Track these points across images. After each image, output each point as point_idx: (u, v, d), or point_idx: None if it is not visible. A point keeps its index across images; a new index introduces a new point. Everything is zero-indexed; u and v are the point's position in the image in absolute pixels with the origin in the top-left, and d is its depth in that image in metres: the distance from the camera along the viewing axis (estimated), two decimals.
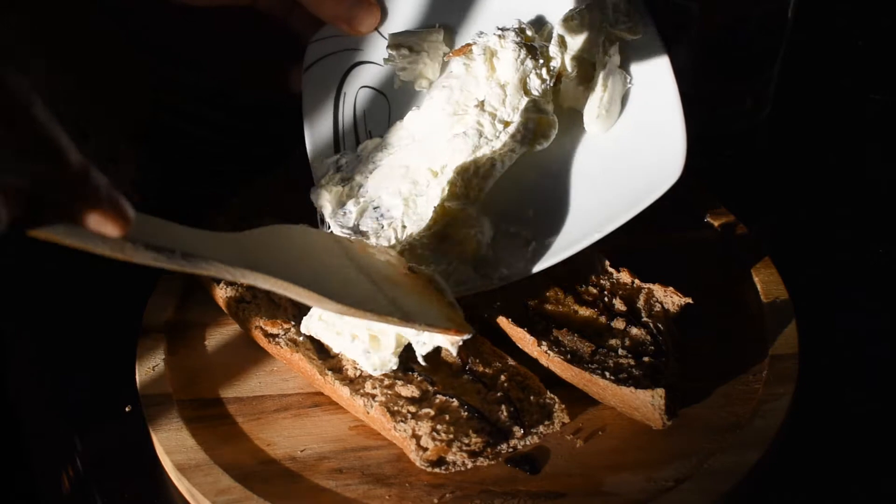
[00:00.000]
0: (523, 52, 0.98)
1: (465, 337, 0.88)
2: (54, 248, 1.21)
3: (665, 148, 0.94)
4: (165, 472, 0.93)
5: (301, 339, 0.96)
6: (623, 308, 0.98)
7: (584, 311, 0.99)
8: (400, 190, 0.99)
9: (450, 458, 0.86)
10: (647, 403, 0.88)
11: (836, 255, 1.15)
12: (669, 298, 0.98)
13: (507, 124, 0.98)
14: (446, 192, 0.96)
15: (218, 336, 1.04)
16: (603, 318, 0.98)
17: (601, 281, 1.01)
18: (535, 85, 0.99)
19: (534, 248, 0.95)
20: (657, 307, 0.98)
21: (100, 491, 0.93)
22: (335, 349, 0.94)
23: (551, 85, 0.99)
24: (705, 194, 1.17)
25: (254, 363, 1.01)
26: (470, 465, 0.86)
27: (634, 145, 0.97)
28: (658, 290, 0.99)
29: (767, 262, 1.07)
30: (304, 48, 1.12)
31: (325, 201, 1.01)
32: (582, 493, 0.87)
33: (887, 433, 0.95)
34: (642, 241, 1.11)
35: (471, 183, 0.97)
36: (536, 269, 0.94)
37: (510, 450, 0.88)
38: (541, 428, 0.89)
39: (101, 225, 0.59)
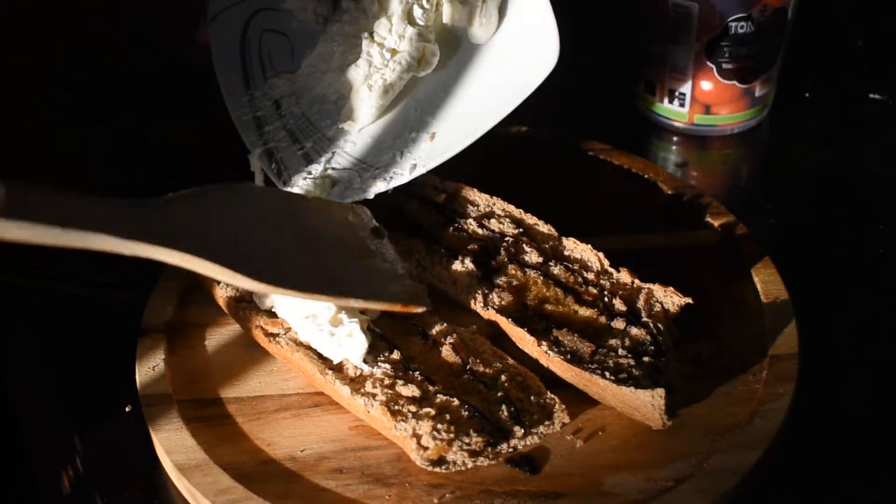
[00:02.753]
0: None
1: (418, 311, 0.87)
2: (53, 248, 1.21)
3: (541, 43, 1.05)
4: (165, 472, 0.93)
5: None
6: (623, 308, 0.98)
7: (584, 311, 0.99)
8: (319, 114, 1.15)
9: (450, 457, 0.86)
10: (647, 403, 0.88)
11: (836, 255, 1.15)
12: (669, 298, 0.98)
13: (394, 52, 1.10)
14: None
15: (218, 336, 1.04)
16: (603, 318, 0.98)
17: (601, 281, 1.01)
18: (419, 14, 1.10)
19: (436, 144, 1.06)
20: (657, 307, 0.98)
21: (100, 491, 0.93)
22: (303, 337, 0.95)
23: (433, 12, 1.11)
24: (705, 194, 1.17)
25: (254, 363, 1.01)
26: (470, 465, 0.86)
27: (514, 46, 1.09)
28: (658, 290, 0.99)
29: (767, 262, 1.07)
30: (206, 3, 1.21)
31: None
32: (582, 493, 0.87)
33: (887, 433, 0.95)
34: (642, 241, 1.12)
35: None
36: (444, 157, 1.05)
37: (510, 450, 0.88)
38: (541, 428, 0.89)
39: None
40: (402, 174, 1.06)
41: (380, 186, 1.05)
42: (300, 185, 1.09)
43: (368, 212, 1.01)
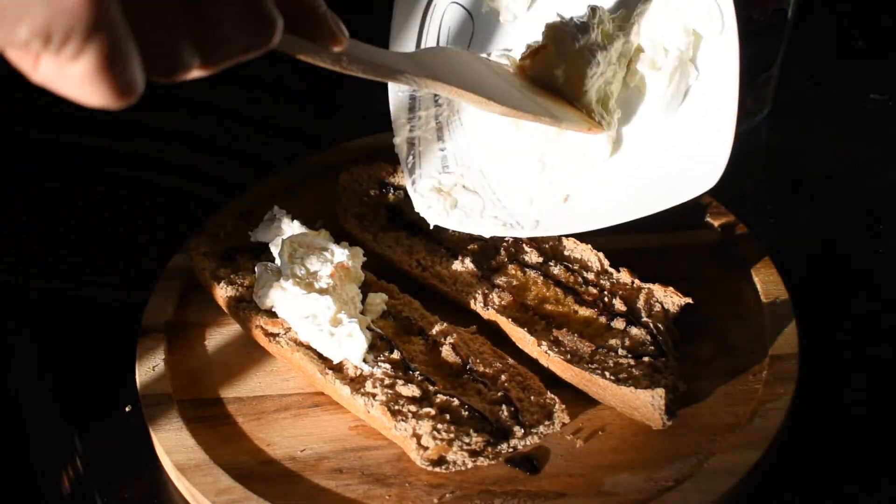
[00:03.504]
0: (596, 65, 0.96)
1: (602, 132, 0.97)
2: (54, 248, 1.21)
3: (709, 154, 0.94)
4: (165, 472, 0.93)
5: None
6: (623, 308, 0.98)
7: (584, 311, 0.99)
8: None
9: (450, 457, 0.86)
10: (647, 403, 0.88)
11: (836, 255, 1.15)
12: (669, 298, 0.98)
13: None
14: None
15: (218, 336, 1.04)
16: (603, 318, 0.98)
17: (601, 281, 1.01)
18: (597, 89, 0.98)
19: (565, 212, 0.98)
20: (657, 307, 0.98)
21: (100, 491, 0.93)
22: (303, 337, 0.95)
23: (621, 74, 0.99)
24: (705, 194, 1.17)
25: (254, 363, 1.01)
26: (470, 465, 0.86)
27: (682, 143, 0.97)
28: (658, 290, 0.99)
29: (767, 262, 1.07)
30: None
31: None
32: (582, 493, 0.87)
33: (887, 433, 0.95)
34: (642, 241, 1.12)
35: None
36: (565, 231, 0.98)
37: (510, 450, 0.88)
38: (541, 428, 0.89)
39: (328, 42, 0.70)
40: (523, 227, 0.98)
41: (497, 230, 0.99)
42: (426, 193, 1.04)
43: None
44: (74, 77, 0.53)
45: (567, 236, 1.04)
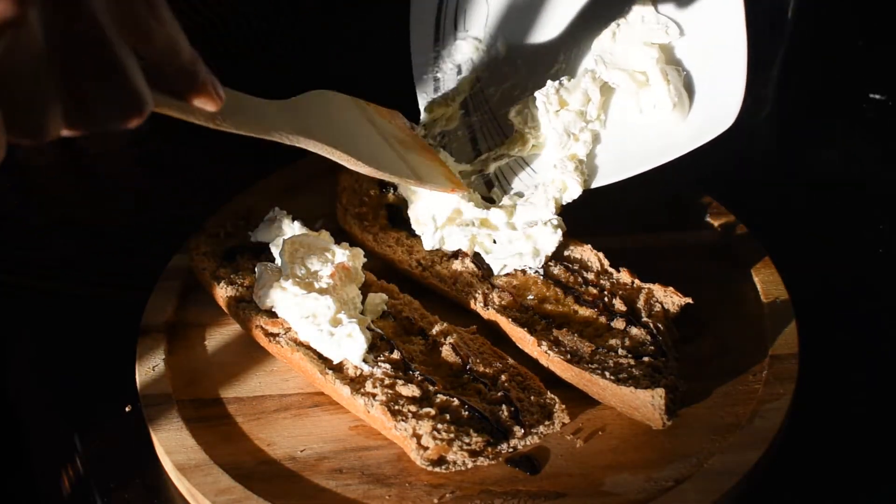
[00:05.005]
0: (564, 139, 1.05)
1: (463, 193, 1.04)
2: (53, 248, 1.20)
3: (723, 100, 1.00)
4: (165, 472, 0.93)
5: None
6: (623, 308, 0.98)
7: (584, 311, 0.99)
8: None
9: (450, 457, 0.86)
10: (647, 403, 0.88)
11: (836, 255, 1.15)
12: (669, 298, 0.98)
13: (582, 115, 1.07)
14: None
15: (218, 336, 1.04)
16: (603, 318, 0.98)
17: (601, 281, 1.01)
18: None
19: (588, 170, 1.05)
20: (657, 307, 0.98)
21: (100, 491, 0.93)
22: (302, 336, 0.95)
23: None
24: (705, 194, 1.17)
25: (254, 363, 1.01)
26: (470, 465, 0.86)
27: (695, 95, 1.03)
28: (658, 290, 0.99)
29: (767, 262, 1.07)
30: None
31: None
32: (582, 493, 0.87)
33: (887, 433, 0.95)
34: (642, 241, 1.12)
35: None
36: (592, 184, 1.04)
37: (510, 450, 0.88)
38: (541, 428, 0.89)
39: (204, 103, 0.71)
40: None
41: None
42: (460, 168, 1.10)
43: (402, 115, 1.08)
44: None
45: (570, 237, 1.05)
